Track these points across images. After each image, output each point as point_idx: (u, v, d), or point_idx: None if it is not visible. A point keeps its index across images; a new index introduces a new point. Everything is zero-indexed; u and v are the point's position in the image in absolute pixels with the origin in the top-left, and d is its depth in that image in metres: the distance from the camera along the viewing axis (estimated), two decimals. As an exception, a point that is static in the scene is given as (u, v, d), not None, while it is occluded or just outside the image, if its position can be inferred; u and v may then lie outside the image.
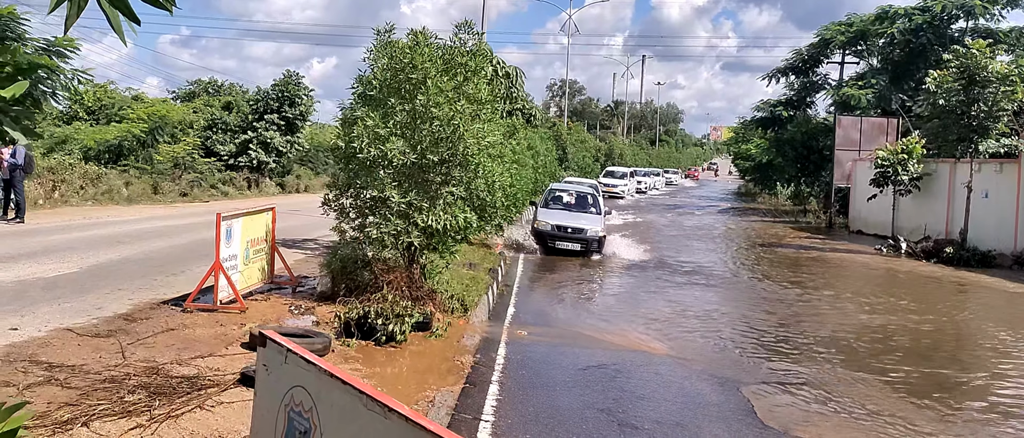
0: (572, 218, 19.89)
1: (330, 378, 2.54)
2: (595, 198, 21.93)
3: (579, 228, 19.28)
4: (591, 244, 19.11)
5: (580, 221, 19.69)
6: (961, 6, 32.81)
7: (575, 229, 19.24)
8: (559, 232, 19.17)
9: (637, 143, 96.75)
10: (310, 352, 2.77)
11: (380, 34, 10.76)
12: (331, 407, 2.50)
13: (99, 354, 7.14)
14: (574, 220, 19.71)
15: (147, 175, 26.05)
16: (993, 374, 9.95)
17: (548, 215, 20.09)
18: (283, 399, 2.76)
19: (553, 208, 20.88)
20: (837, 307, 14.39)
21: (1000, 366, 10.39)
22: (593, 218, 20.31)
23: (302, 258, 14.22)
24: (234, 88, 40.16)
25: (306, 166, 37.06)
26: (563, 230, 19.21)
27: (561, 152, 40.93)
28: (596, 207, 21.25)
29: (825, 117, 41.15)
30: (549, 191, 22.52)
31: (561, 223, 19.44)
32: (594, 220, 20.12)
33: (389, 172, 10.29)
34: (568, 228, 19.26)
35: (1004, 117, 20.77)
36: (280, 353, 2.82)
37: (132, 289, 10.39)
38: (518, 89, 27.35)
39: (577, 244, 18.97)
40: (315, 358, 2.66)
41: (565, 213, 20.37)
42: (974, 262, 20.78)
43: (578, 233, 19.14)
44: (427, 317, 9.47)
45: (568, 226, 19.32)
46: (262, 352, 2.96)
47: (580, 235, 19.11)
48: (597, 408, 7.44)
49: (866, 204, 28.34)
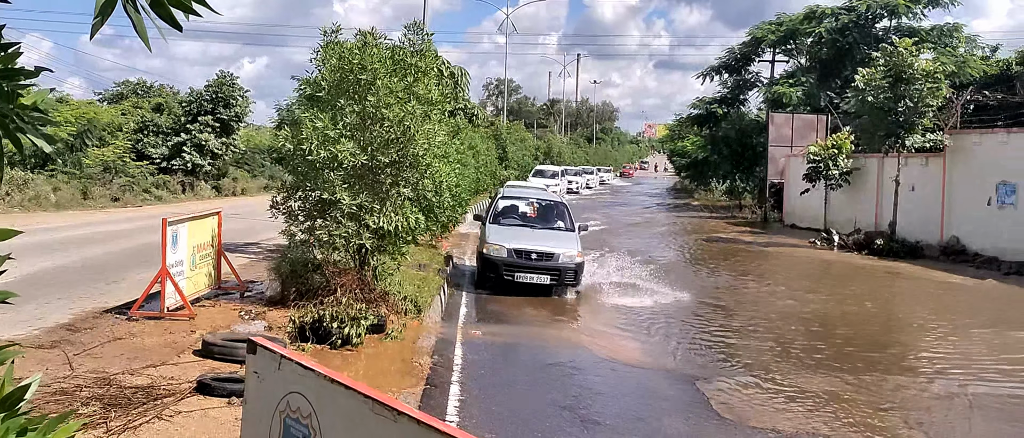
0: (536, 238, 14.58)
1: (331, 383, 2.52)
2: (564, 209, 16.55)
3: (547, 252, 13.99)
4: (565, 274, 13.86)
5: (547, 242, 14.40)
6: (885, 5, 34.05)
7: (541, 254, 13.94)
8: (519, 260, 13.81)
9: (574, 141, 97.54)
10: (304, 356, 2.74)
11: (327, 34, 10.62)
12: (334, 412, 2.48)
13: (46, 366, 6.89)
14: (539, 241, 14.38)
15: (76, 180, 25.19)
16: (921, 352, 10.38)
17: (501, 235, 14.52)
18: (277, 406, 2.72)
19: (506, 224, 15.48)
20: (776, 296, 14.80)
21: (928, 346, 10.85)
22: (564, 237, 15.01)
23: (247, 262, 13.94)
24: (164, 89, 39.09)
25: (243, 168, 36.33)
26: (525, 256, 13.87)
27: (501, 151, 41.00)
28: (566, 220, 15.94)
29: (757, 114, 42.19)
30: (499, 200, 16.79)
31: (521, 247, 14.00)
32: (566, 240, 14.76)
33: (339, 174, 10.17)
34: (532, 253, 13.91)
35: (929, 113, 21.61)
36: (273, 359, 2.79)
37: (72, 298, 10.05)
38: (462, 89, 27.36)
39: (545, 275, 13.76)
40: (314, 363, 2.64)
41: (524, 231, 15.16)
42: (903, 253, 21.59)
43: (546, 260, 13.91)
44: (381, 319, 9.40)
45: (532, 250, 13.95)
46: (252, 359, 2.91)
47: (549, 262, 13.89)
48: (558, 405, 7.51)
49: (799, 199, 29.18)
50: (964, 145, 22.03)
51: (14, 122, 1.54)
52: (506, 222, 15.58)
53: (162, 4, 1.48)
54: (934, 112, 21.88)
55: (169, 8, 1.49)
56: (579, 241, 14.85)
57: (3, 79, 1.50)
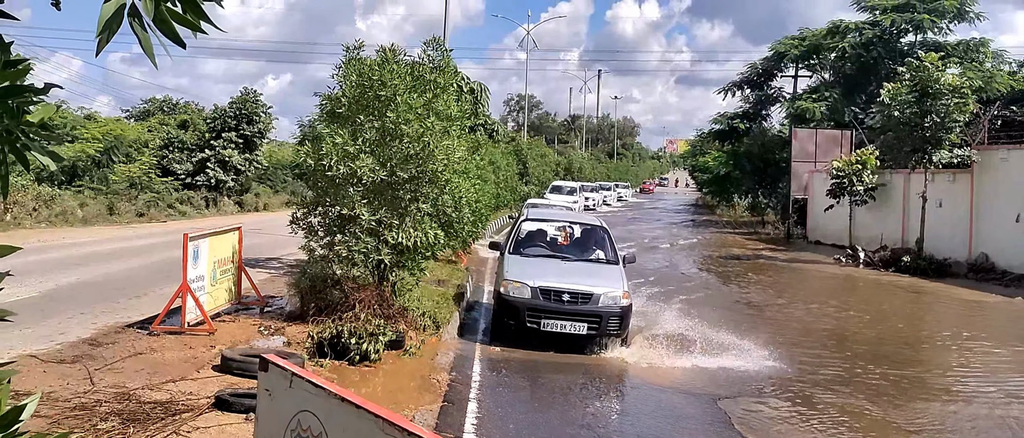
0: (569, 273, 11.30)
1: (342, 402, 2.49)
2: (604, 235, 12.89)
3: (584, 293, 10.70)
4: (607, 322, 10.54)
5: (584, 279, 11.13)
6: (910, 20, 33.78)
7: (577, 295, 10.68)
8: (547, 302, 10.60)
9: (595, 157, 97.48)
10: (317, 375, 2.72)
11: (349, 51, 10.69)
12: (344, 432, 2.45)
13: (66, 381, 6.93)
14: (573, 277, 11.12)
15: (102, 196, 25.48)
16: (954, 372, 10.18)
17: (524, 269, 11.32)
18: (289, 424, 2.70)
19: (531, 254, 12.27)
20: (800, 312, 14.61)
21: (960, 365, 10.64)
22: (605, 272, 11.63)
23: (267, 277, 14.00)
24: (189, 106, 39.56)
25: (265, 184, 36.61)
26: (555, 298, 10.63)
27: (522, 166, 41.04)
28: (607, 250, 12.50)
29: (780, 129, 41.93)
30: (522, 223, 13.37)
31: (551, 284, 10.78)
32: (608, 276, 11.41)
33: (359, 189, 10.19)
34: (564, 294, 10.64)
35: (956, 128, 21.35)
36: (284, 377, 2.76)
37: (95, 313, 10.13)
38: (483, 105, 27.42)
39: (581, 322, 10.45)
40: (324, 382, 2.61)
41: (554, 263, 11.85)
42: (931, 271, 21.26)
43: (582, 302, 10.65)
44: (400, 335, 9.38)
45: (564, 289, 10.70)
46: (264, 376, 2.90)
47: (586, 306, 10.60)
48: (578, 424, 7.43)
49: (823, 215, 28.88)
50: (992, 161, 21.73)
51: (20, 139, 1.54)
52: (530, 252, 12.33)
53: (166, 22, 1.47)
54: (961, 127, 21.61)
55: (173, 26, 1.48)
56: (625, 277, 11.36)
57: (9, 96, 1.50)
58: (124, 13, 1.45)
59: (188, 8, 1.50)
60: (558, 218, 14.73)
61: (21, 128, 1.54)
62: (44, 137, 1.56)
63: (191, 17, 1.59)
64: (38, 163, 1.64)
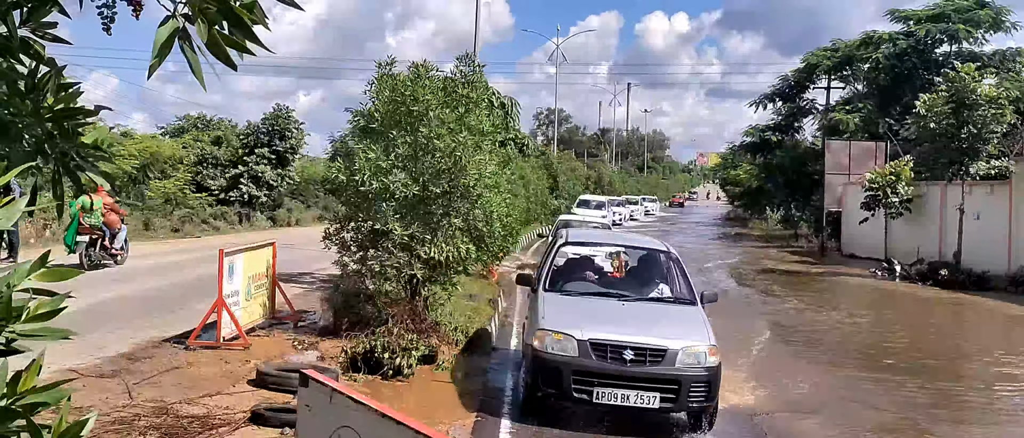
0: (629, 319, 8.16)
1: (382, 417, 2.50)
2: (672, 264, 9.62)
3: (654, 348, 7.56)
4: (688, 392, 7.42)
5: (652, 327, 7.99)
6: (944, 30, 33.32)
7: (643, 350, 7.54)
8: (602, 361, 7.49)
9: (626, 170, 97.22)
10: (356, 391, 2.73)
11: (381, 67, 10.79)
12: (385, 448, 2.45)
13: (106, 395, 7.03)
14: (635, 325, 7.96)
15: (138, 211, 25.88)
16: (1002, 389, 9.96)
17: (565, 313, 8.20)
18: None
19: (573, 290, 9.10)
20: (839, 326, 14.40)
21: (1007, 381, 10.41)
22: (679, 315, 8.57)
23: (300, 292, 14.10)
24: (223, 123, 40.08)
25: (297, 199, 36.96)
26: (612, 356, 7.51)
27: (552, 180, 41.03)
28: (678, 283, 9.29)
29: (813, 141, 41.51)
30: (561, 249, 10.15)
31: (605, 336, 7.65)
32: (685, 322, 8.27)
33: (391, 205, 10.26)
34: (625, 350, 7.51)
35: (994, 139, 21.02)
36: (325, 392, 2.78)
37: (132, 328, 10.27)
38: (513, 119, 27.51)
39: (650, 391, 7.40)
40: (365, 398, 2.62)
41: (606, 305, 8.66)
42: (969, 284, 20.85)
43: (652, 361, 7.52)
44: (432, 350, 9.40)
45: (624, 342, 7.57)
46: (304, 392, 2.92)
47: (657, 367, 7.49)
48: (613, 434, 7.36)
49: (858, 227, 28.49)
50: (1031, 172, 21.32)
51: (74, 160, 1.58)
52: (573, 288, 9.06)
53: (218, 45, 1.50)
54: (999, 138, 21.26)
55: (225, 49, 1.51)
56: (709, 325, 8.03)
57: (65, 118, 1.54)
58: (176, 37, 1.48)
59: (238, 31, 1.53)
60: (606, 240, 11.61)
61: (76, 149, 1.58)
62: (97, 158, 1.59)
63: (239, 38, 1.62)
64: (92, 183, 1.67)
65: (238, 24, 1.52)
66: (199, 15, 1.46)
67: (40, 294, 1.74)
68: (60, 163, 1.59)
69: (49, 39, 1.78)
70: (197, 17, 1.46)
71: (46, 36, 1.77)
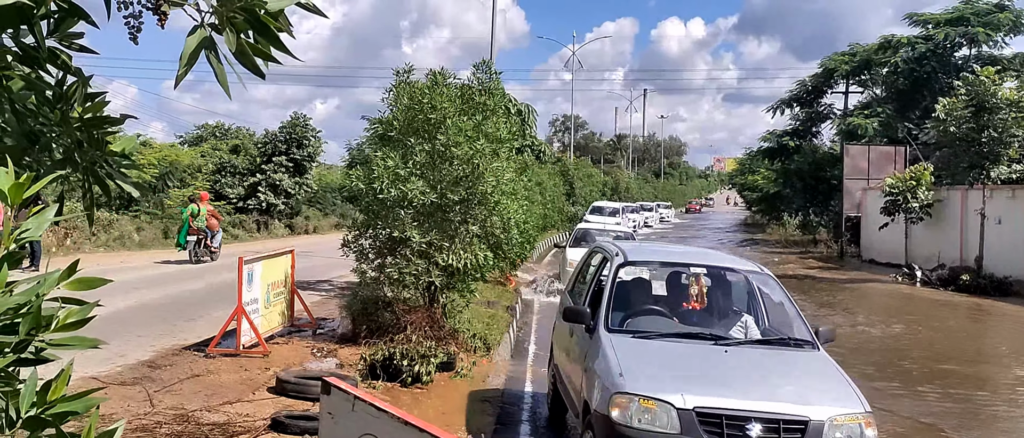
0: (738, 376, 5.70)
1: (404, 425, 2.50)
2: (767, 284, 7.32)
3: (790, 420, 5.21)
4: None
5: (775, 388, 5.62)
6: (964, 34, 33.07)
7: (775, 423, 5.16)
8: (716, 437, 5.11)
9: (642, 176, 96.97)
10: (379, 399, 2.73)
11: (399, 74, 10.82)
12: (408, 456, 2.45)
13: (127, 402, 7.07)
14: (752, 385, 5.55)
15: (158, 220, 26.10)
16: None
17: (649, 365, 5.78)
18: (352, 448, 2.71)
19: (647, 331, 6.38)
20: (861, 332, 14.28)
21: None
22: (804, 365, 6.16)
23: (319, 300, 14.16)
24: (241, 131, 40.39)
25: (315, 207, 37.14)
26: (733, 432, 5.12)
27: (568, 187, 40.97)
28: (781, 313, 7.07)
29: (831, 146, 41.25)
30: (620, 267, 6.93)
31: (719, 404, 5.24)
32: (813, 375, 5.98)
33: (409, 212, 10.27)
34: (747, 420, 5.15)
35: (1015, 143, 20.80)
36: (347, 400, 2.78)
37: (153, 335, 10.34)
38: (530, 126, 27.52)
39: None
40: (387, 405, 2.62)
41: (699, 352, 6.12)
42: (991, 289, 20.61)
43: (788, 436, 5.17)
44: (451, 357, 9.39)
45: (750, 412, 5.20)
46: (326, 399, 2.92)
47: None
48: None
49: (878, 233, 28.24)
50: (1053, 176, 21.10)
51: (103, 168, 1.59)
52: (645, 327, 6.52)
53: (246, 54, 1.51)
54: (1020, 142, 21.03)
55: (252, 58, 1.51)
56: (851, 380, 5.90)
57: (93, 127, 1.55)
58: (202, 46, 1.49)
59: (265, 39, 1.54)
60: (679, 259, 8.03)
61: (104, 158, 1.59)
62: (125, 166, 1.61)
63: (265, 46, 1.62)
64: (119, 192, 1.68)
65: (264, 32, 1.53)
66: (227, 24, 1.46)
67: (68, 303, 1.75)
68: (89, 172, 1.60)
69: (76, 49, 1.80)
70: (225, 26, 1.47)
71: (73, 46, 1.79)
